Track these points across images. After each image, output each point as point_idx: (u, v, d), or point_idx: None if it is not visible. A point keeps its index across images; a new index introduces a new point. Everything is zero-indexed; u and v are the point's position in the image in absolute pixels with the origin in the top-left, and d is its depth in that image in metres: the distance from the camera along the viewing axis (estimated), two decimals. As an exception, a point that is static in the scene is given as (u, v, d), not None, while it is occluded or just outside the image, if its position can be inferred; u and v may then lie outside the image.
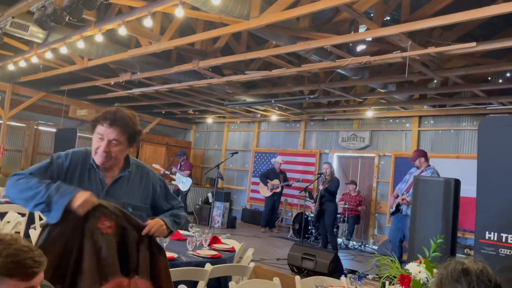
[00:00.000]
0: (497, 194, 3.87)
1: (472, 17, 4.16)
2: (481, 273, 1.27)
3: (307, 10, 4.61)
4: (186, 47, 6.92)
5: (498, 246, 3.78)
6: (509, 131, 3.85)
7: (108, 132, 2.00)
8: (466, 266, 1.29)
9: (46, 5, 4.51)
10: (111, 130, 1.99)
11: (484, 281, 1.25)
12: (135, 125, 2.06)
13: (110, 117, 1.98)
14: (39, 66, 8.43)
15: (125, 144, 2.06)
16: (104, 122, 1.99)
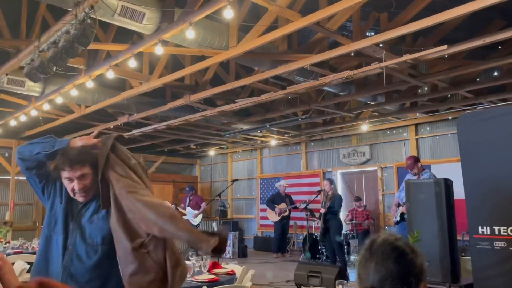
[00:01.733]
0: (484, 188, 3.91)
1: (436, 21, 4.31)
2: (382, 241, 1.33)
3: (280, 33, 4.82)
4: (176, 83, 7.17)
5: (492, 240, 3.79)
6: (486, 124, 3.92)
7: (71, 172, 2.04)
8: (374, 238, 1.37)
9: (34, 59, 4.79)
10: (73, 170, 2.04)
11: (384, 245, 1.31)
12: (89, 151, 2.09)
13: (65, 159, 2.03)
14: (39, 119, 8.75)
15: (93, 172, 2.10)
16: (63, 167, 2.04)
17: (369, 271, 1.29)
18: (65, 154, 2.04)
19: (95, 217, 2.12)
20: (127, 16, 4.51)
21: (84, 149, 2.07)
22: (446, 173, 6.80)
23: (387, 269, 1.27)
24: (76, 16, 4.14)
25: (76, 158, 2.03)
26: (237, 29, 5.30)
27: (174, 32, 4.76)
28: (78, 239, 2.08)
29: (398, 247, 1.30)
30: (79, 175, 2.05)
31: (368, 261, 1.31)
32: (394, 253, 1.29)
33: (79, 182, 2.06)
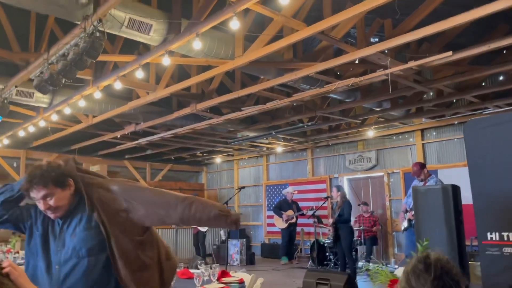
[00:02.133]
0: (492, 194, 3.91)
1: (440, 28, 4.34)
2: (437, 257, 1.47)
3: (285, 42, 4.87)
4: (182, 92, 7.23)
5: (502, 246, 3.78)
6: (493, 130, 3.93)
7: (35, 193, 2.06)
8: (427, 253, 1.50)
9: (43, 71, 4.86)
10: (35, 191, 2.05)
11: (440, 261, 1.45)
12: (51, 171, 2.09)
13: (28, 180, 2.06)
14: (48, 129, 8.85)
15: (57, 191, 2.10)
16: (28, 189, 2.06)
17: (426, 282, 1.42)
18: (30, 175, 2.07)
19: (77, 230, 2.12)
20: (134, 28, 4.59)
21: (44, 168, 2.09)
22: (453, 178, 6.80)
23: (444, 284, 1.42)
24: (85, 29, 4.21)
25: (35, 177, 2.05)
26: (243, 39, 5.36)
27: (181, 43, 4.82)
28: (63, 256, 2.09)
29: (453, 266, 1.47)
30: (42, 195, 2.06)
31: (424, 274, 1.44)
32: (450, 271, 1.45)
33: (45, 202, 2.07)
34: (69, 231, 2.14)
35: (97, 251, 2.07)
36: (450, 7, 5.51)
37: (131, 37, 4.81)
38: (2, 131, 9.16)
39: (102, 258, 2.07)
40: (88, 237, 2.09)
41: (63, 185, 2.11)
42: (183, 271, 4.51)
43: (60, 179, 2.11)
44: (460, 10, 4.39)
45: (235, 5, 4.11)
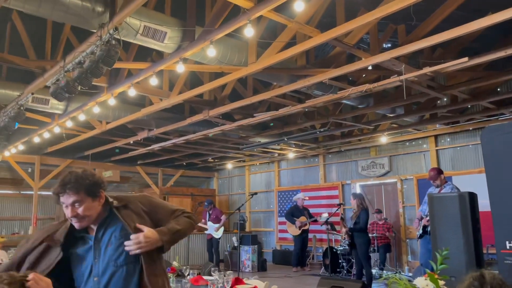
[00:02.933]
0: (511, 202, 3.84)
1: (456, 34, 4.30)
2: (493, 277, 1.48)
3: (299, 49, 4.87)
4: (195, 99, 7.26)
5: (521, 255, 3.71)
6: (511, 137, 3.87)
7: (65, 198, 2.05)
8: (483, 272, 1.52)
9: (60, 79, 4.93)
10: (66, 196, 2.04)
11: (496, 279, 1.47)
12: (85, 178, 2.09)
13: (60, 184, 2.05)
14: (62, 135, 8.96)
15: (87, 199, 2.09)
16: (59, 193, 2.05)
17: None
18: (63, 180, 2.06)
19: (112, 239, 2.14)
20: (149, 36, 4.63)
21: (81, 176, 2.08)
22: (468, 185, 6.71)
23: None
24: (101, 37, 4.26)
25: (70, 183, 2.04)
26: (256, 46, 5.37)
27: (195, 51, 4.85)
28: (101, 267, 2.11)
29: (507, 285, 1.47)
30: (71, 201, 2.05)
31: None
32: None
33: (73, 209, 2.06)
34: (104, 241, 2.15)
35: (133, 259, 2.10)
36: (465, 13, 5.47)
37: (146, 44, 4.85)
38: (18, 137, 9.29)
39: (138, 266, 2.11)
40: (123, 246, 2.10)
41: (94, 195, 2.11)
42: (196, 278, 4.50)
43: (93, 189, 2.10)
44: (475, 15, 4.35)
45: (250, 12, 4.12)
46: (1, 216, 11.58)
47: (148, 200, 2.31)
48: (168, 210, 2.31)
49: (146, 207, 2.25)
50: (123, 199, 2.26)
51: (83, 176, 2.08)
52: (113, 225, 2.17)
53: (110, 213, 2.19)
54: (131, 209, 2.22)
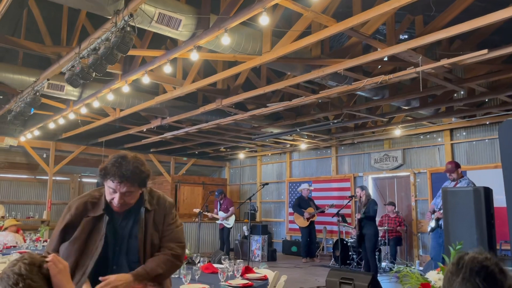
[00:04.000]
0: (527, 198, 3.76)
1: (475, 25, 4.20)
2: (472, 257, 1.35)
3: (314, 39, 4.80)
4: (208, 88, 7.26)
5: (536, 252, 3.64)
6: (530, 132, 3.78)
7: (119, 187, 2.07)
8: (464, 253, 1.39)
9: (75, 65, 4.96)
10: (121, 185, 2.07)
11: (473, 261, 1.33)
12: (142, 172, 2.11)
13: (118, 173, 2.04)
14: (77, 122, 9.05)
15: (137, 190, 2.15)
16: (114, 179, 2.06)
17: (454, 285, 1.32)
18: (121, 167, 2.06)
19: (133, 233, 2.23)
20: (164, 23, 4.61)
21: (139, 169, 2.10)
22: (483, 180, 6.61)
23: (474, 286, 1.29)
24: (116, 24, 4.26)
25: (129, 175, 2.07)
26: (271, 35, 5.32)
27: (209, 39, 4.82)
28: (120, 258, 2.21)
29: (488, 266, 1.32)
30: (125, 191, 2.09)
31: (454, 276, 1.34)
32: (482, 271, 1.31)
33: (122, 197, 2.10)
34: (125, 233, 2.21)
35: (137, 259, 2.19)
36: (485, 4, 5.34)
37: (160, 32, 4.84)
38: (33, 123, 9.42)
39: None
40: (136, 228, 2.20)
41: (144, 186, 2.16)
42: (206, 265, 4.53)
43: (145, 182, 2.15)
44: (495, 7, 4.24)
45: (265, 0, 4.07)
46: (16, 200, 11.80)
47: (171, 214, 2.35)
48: (173, 234, 2.32)
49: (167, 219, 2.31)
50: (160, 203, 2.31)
51: (141, 169, 2.11)
52: (136, 218, 2.22)
53: (138, 206, 2.22)
54: (157, 215, 2.28)
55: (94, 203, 2.20)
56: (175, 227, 2.33)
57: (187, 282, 3.62)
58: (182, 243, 2.33)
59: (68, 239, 2.12)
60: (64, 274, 1.63)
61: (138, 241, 2.18)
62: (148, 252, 2.21)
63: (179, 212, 12.89)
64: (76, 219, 2.14)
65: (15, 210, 11.29)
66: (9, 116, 7.58)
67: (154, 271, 2.15)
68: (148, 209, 2.24)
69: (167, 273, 2.24)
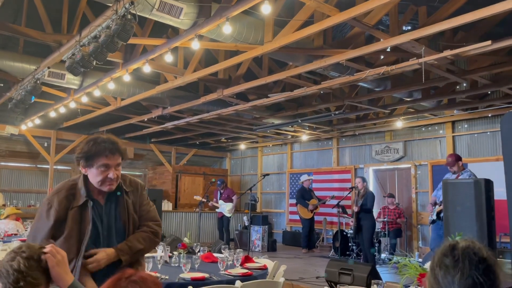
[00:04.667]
0: (528, 190, 3.75)
1: (479, 16, 4.15)
2: (467, 247, 1.28)
3: (316, 28, 4.76)
4: (209, 77, 7.22)
5: (536, 244, 3.64)
6: (532, 124, 3.76)
7: (112, 160, 2.16)
8: (455, 242, 1.32)
9: (75, 53, 4.93)
10: (114, 157, 2.17)
11: (469, 253, 1.26)
12: (120, 143, 2.25)
13: (110, 146, 2.15)
14: (77, 110, 9.03)
15: (121, 162, 2.25)
16: (106, 153, 2.15)
17: (453, 280, 1.25)
18: (106, 142, 2.17)
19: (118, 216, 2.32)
20: (165, 11, 4.57)
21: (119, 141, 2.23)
22: (484, 172, 6.60)
23: (474, 281, 1.23)
24: (117, 12, 4.22)
25: (118, 146, 2.19)
26: (273, 24, 5.28)
27: (210, 27, 4.78)
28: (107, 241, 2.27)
29: (486, 258, 1.27)
30: (117, 163, 2.19)
31: (451, 269, 1.26)
32: (482, 264, 1.25)
33: (115, 171, 2.19)
34: (111, 215, 2.29)
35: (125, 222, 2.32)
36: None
37: (161, 20, 4.80)
38: (34, 111, 9.41)
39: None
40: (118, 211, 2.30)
41: (125, 158, 2.28)
42: (206, 254, 4.55)
43: (126, 153, 2.29)
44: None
45: (267, -12, 4.03)
46: (18, 188, 11.84)
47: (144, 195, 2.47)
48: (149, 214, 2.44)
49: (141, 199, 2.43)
50: (132, 184, 2.42)
51: (118, 140, 2.25)
52: (117, 202, 2.31)
53: (116, 190, 2.29)
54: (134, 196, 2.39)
55: (74, 194, 2.23)
56: (149, 207, 2.46)
57: (186, 270, 3.63)
58: (158, 221, 2.47)
59: (58, 235, 2.13)
60: (62, 265, 1.62)
61: (122, 223, 2.28)
62: (132, 232, 2.33)
63: (180, 202, 12.93)
64: (62, 214, 2.16)
65: (16, 199, 11.33)
66: (10, 104, 7.57)
67: (136, 247, 2.27)
68: (126, 191, 2.34)
69: (147, 248, 2.36)
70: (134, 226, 2.35)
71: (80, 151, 2.17)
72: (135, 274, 1.25)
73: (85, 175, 2.23)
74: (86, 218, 2.19)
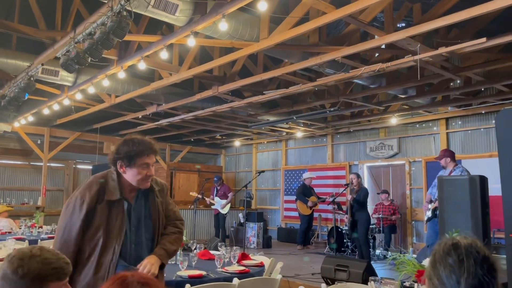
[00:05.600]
0: (523, 187, 3.79)
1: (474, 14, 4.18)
2: (469, 246, 1.29)
3: (312, 25, 4.76)
4: (205, 74, 7.20)
5: (530, 240, 3.69)
6: (527, 121, 3.80)
7: (152, 159, 2.38)
8: (456, 241, 1.32)
9: (70, 50, 4.89)
10: (152, 156, 2.38)
11: (472, 252, 1.26)
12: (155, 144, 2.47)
13: (149, 147, 2.35)
14: (71, 107, 8.97)
15: None
16: (149, 153, 2.35)
17: (459, 279, 1.24)
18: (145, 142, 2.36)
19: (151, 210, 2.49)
20: (160, 7, 4.54)
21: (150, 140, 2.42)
22: (478, 169, 6.65)
23: (480, 280, 1.24)
24: (112, 8, 4.19)
25: (154, 147, 2.40)
26: (269, 21, 5.27)
27: (206, 24, 4.76)
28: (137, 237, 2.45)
29: (488, 256, 1.27)
30: (153, 162, 2.40)
31: (456, 269, 1.26)
32: (485, 263, 1.26)
33: (152, 169, 2.39)
34: (139, 213, 2.43)
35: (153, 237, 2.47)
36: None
37: (157, 17, 4.77)
38: (28, 108, 9.32)
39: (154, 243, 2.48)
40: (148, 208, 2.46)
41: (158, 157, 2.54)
42: (203, 252, 4.56)
43: (159, 152, 2.51)
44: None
45: (263, -15, 4.02)
46: (11, 186, 11.75)
47: (168, 195, 2.68)
48: (175, 214, 2.66)
49: (166, 199, 2.61)
50: (159, 184, 2.58)
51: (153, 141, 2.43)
52: (147, 200, 2.46)
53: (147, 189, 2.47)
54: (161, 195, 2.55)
55: (104, 189, 2.36)
56: (175, 207, 2.69)
57: (183, 268, 3.63)
58: (182, 220, 2.69)
59: (87, 227, 2.29)
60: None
61: (152, 221, 2.44)
62: (161, 229, 2.50)
63: (175, 199, 12.90)
64: (91, 208, 2.31)
65: (9, 196, 11.25)
66: (3, 102, 7.50)
67: (171, 249, 2.48)
68: (155, 189, 2.51)
69: (178, 248, 2.58)
70: (162, 224, 2.53)
71: (121, 152, 2.32)
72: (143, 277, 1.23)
73: (118, 173, 2.37)
74: (118, 214, 2.34)
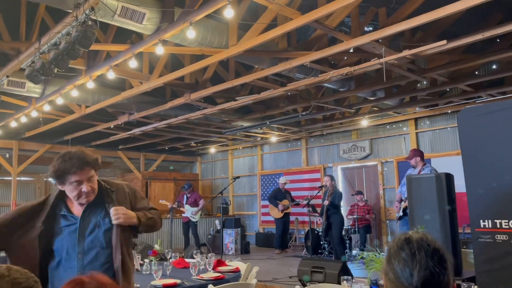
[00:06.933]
0: (485, 183, 3.94)
1: (434, 17, 4.33)
2: (420, 240, 1.35)
3: (279, 31, 4.83)
4: (176, 82, 7.18)
5: (494, 233, 3.82)
6: (487, 119, 3.95)
7: (83, 174, 2.15)
8: (409, 235, 1.39)
9: (35, 61, 4.80)
10: (84, 172, 2.15)
11: (423, 245, 1.33)
12: (91, 155, 2.23)
13: (76, 163, 2.13)
14: (39, 119, 8.77)
15: (95, 173, 2.25)
16: (74, 170, 2.13)
17: (412, 272, 1.30)
18: (73, 158, 2.14)
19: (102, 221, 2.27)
20: (127, 16, 4.53)
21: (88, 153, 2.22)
22: (446, 167, 6.86)
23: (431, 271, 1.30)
24: (77, 18, 4.15)
25: (85, 160, 2.17)
26: (237, 28, 5.31)
27: (174, 32, 4.77)
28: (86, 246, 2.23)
29: (438, 248, 1.34)
30: (89, 176, 2.18)
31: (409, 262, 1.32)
32: (436, 255, 1.32)
33: (88, 184, 2.19)
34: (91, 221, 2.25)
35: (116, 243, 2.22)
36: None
37: (124, 26, 4.75)
38: (-6, 122, 9.07)
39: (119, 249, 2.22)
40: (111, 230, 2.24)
41: (99, 167, 2.27)
42: (178, 260, 4.53)
43: (98, 162, 2.26)
44: (456, -1, 4.38)
45: (229, -7, 4.06)
46: (-21, 202, 11.37)
47: (133, 190, 2.50)
48: (146, 205, 2.50)
49: (131, 196, 2.43)
50: (113, 184, 2.40)
51: (87, 153, 2.23)
52: (100, 207, 2.28)
53: (99, 194, 2.30)
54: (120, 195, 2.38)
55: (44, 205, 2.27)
56: (147, 202, 2.53)
57: (158, 277, 3.61)
58: (156, 209, 2.55)
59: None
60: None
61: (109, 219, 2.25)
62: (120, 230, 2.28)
63: (151, 208, 12.71)
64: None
65: (-23, 213, 10.87)
66: (-33, 116, 7.28)
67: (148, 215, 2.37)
68: (111, 189, 2.33)
69: (156, 220, 2.44)
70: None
71: (51, 170, 2.18)
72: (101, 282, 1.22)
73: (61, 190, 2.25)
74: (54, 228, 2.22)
